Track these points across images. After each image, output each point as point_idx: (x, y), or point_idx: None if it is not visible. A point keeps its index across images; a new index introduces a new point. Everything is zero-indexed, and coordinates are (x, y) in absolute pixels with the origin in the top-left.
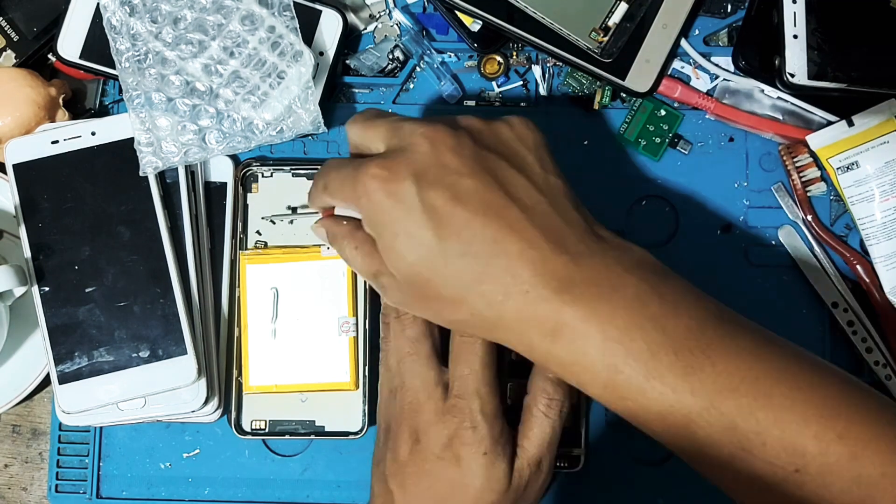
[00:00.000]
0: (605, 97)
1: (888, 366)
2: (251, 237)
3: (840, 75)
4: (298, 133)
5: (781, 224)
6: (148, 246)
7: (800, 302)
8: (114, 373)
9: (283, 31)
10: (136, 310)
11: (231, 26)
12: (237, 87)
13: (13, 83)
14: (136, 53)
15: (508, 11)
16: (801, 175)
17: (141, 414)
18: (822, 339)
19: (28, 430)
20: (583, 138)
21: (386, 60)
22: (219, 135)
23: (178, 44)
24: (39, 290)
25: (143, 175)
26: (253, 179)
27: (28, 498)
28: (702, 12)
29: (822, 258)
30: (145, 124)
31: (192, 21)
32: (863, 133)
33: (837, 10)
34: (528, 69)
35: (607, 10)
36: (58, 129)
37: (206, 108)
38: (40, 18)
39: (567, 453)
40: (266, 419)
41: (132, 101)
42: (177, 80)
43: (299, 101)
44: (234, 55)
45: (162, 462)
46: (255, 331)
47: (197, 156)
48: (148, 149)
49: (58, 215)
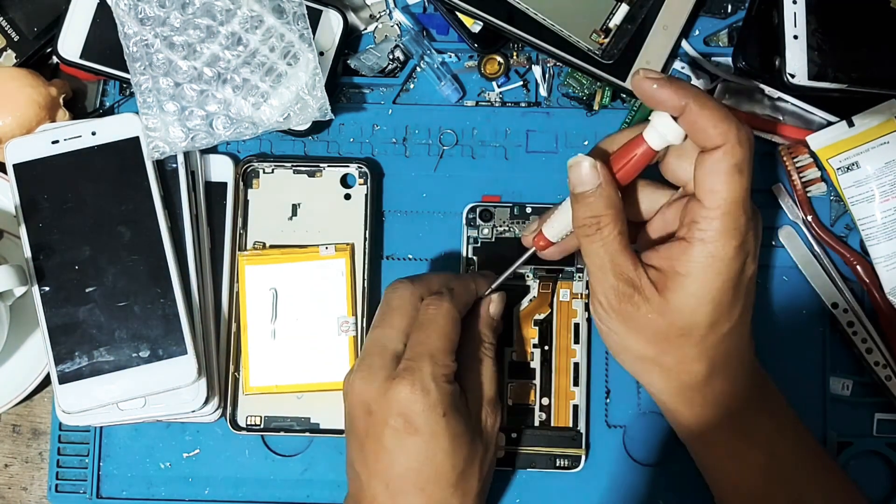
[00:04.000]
0: (606, 98)
1: (888, 366)
2: (251, 234)
3: (840, 76)
4: (306, 120)
5: (781, 224)
6: (148, 246)
7: (800, 302)
8: (114, 373)
9: (291, 18)
10: (137, 310)
11: (240, 12)
12: (246, 72)
13: (14, 83)
14: (144, 38)
15: (509, 12)
16: (801, 175)
17: (141, 414)
18: (822, 339)
19: (28, 430)
20: (583, 138)
21: (386, 60)
22: (226, 120)
23: (186, 28)
24: (40, 289)
25: (151, 160)
26: (254, 175)
27: (28, 498)
28: (702, 13)
29: (823, 258)
30: (153, 109)
31: (200, 6)
32: (863, 133)
33: (837, 11)
34: (528, 69)
35: (608, 11)
36: (58, 128)
37: (213, 94)
38: (41, 18)
39: (567, 453)
40: (262, 415)
41: (140, 86)
42: (184, 66)
43: (307, 88)
44: (242, 41)
45: (162, 462)
46: (254, 331)
47: (204, 141)
48: (155, 134)
49: (58, 215)
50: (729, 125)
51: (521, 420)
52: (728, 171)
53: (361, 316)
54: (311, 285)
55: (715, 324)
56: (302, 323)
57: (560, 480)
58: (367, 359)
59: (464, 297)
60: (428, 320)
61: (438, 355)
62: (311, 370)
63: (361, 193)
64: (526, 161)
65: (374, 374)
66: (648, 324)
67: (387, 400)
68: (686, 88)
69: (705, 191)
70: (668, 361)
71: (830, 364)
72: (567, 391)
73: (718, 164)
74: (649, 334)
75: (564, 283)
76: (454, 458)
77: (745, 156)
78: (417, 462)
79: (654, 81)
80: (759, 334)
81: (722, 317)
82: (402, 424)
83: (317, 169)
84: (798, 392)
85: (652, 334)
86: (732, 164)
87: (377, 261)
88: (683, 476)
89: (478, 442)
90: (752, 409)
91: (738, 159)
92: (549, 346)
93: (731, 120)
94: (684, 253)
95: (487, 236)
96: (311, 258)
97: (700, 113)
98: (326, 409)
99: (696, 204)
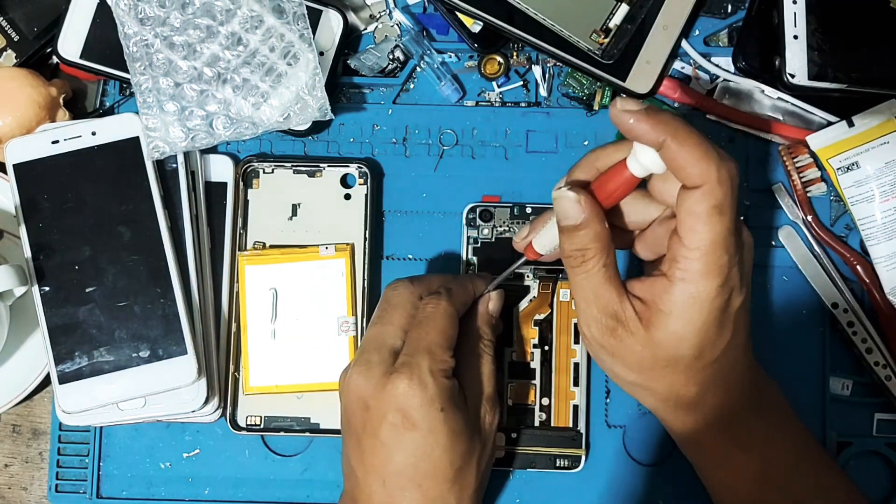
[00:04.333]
0: (606, 98)
1: (888, 366)
2: (251, 234)
3: (840, 76)
4: (306, 120)
5: (781, 224)
6: (148, 246)
7: (800, 302)
8: (114, 373)
9: (291, 18)
10: (137, 310)
11: (240, 12)
12: (246, 73)
13: (14, 83)
14: (144, 38)
15: (509, 12)
16: (801, 175)
17: (141, 414)
18: (822, 339)
19: (28, 430)
20: (583, 138)
21: (386, 60)
22: (226, 120)
23: (186, 28)
24: (40, 289)
25: (151, 160)
26: (254, 175)
27: (28, 498)
28: (702, 13)
29: (823, 258)
30: (153, 109)
31: (200, 6)
32: (863, 133)
33: (837, 11)
34: (528, 69)
35: (608, 11)
36: (58, 128)
37: (213, 94)
38: (40, 18)
39: (567, 453)
40: (262, 415)
41: (140, 86)
42: (184, 65)
43: (307, 88)
44: (242, 41)
45: (162, 462)
46: (254, 332)
47: (204, 141)
48: (155, 134)
49: (58, 215)
50: (709, 164)
51: (520, 420)
52: (708, 213)
53: (361, 316)
54: (311, 285)
55: (700, 355)
56: (302, 323)
57: (560, 480)
58: (364, 355)
59: (462, 297)
60: (426, 318)
61: (436, 351)
62: (311, 370)
63: (361, 193)
64: (526, 161)
65: (372, 369)
66: (634, 355)
67: (385, 395)
68: (665, 123)
69: (685, 229)
70: (657, 387)
71: (830, 364)
72: (567, 391)
73: (698, 204)
74: (635, 364)
75: (564, 284)
76: (452, 454)
77: (726, 196)
78: (415, 457)
79: (630, 115)
80: (760, 334)
81: (707, 349)
82: (401, 420)
83: (317, 169)
84: (798, 392)
85: (637, 364)
86: (712, 206)
87: (377, 261)
88: (683, 476)
89: (476, 439)
90: (746, 420)
91: (718, 200)
92: (549, 346)
93: (712, 158)
94: (666, 291)
95: (487, 236)
96: (311, 258)
97: (678, 151)
98: (326, 409)
99: (677, 241)
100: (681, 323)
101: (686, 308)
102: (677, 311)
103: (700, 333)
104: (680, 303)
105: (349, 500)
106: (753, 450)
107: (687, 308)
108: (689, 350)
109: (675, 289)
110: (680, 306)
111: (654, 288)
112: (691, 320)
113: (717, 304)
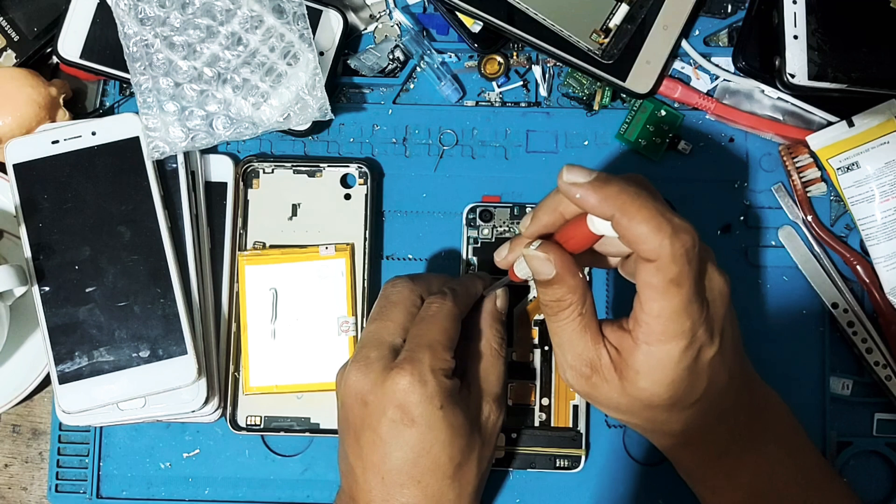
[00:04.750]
0: (606, 98)
1: (888, 366)
2: (251, 234)
3: (840, 76)
4: (306, 120)
5: (781, 224)
6: (148, 246)
7: (800, 302)
8: (114, 373)
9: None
10: (137, 310)
11: (240, 12)
12: (246, 73)
13: (14, 83)
14: (144, 38)
15: (509, 12)
16: (801, 175)
17: (141, 414)
18: (822, 339)
19: (28, 430)
20: (583, 138)
21: (386, 60)
22: (226, 120)
23: (186, 28)
24: (39, 289)
25: (151, 160)
26: (254, 175)
27: (28, 498)
28: (702, 13)
29: (823, 258)
30: (153, 109)
31: (200, 6)
32: (863, 133)
33: (837, 11)
34: (528, 69)
35: (608, 11)
36: (58, 128)
37: (213, 94)
38: (40, 18)
39: (567, 453)
40: (262, 415)
41: (140, 86)
42: (184, 66)
43: (307, 88)
44: (242, 41)
45: (162, 462)
46: (254, 331)
47: (204, 141)
48: (155, 134)
49: (58, 215)
50: (661, 239)
51: (520, 420)
52: (664, 286)
53: (361, 316)
54: (311, 285)
55: (676, 404)
56: (302, 323)
57: (560, 480)
58: (363, 351)
59: (465, 299)
60: (430, 316)
61: (438, 349)
62: (311, 370)
63: (361, 193)
64: (526, 161)
65: (371, 365)
66: (611, 400)
67: (384, 391)
68: (613, 197)
69: (644, 298)
70: (639, 422)
71: (830, 364)
72: (567, 391)
73: (653, 277)
74: (612, 407)
75: None
76: (451, 450)
77: (681, 270)
78: (414, 453)
79: (577, 188)
80: (760, 334)
81: (681, 399)
82: (400, 416)
83: (317, 169)
84: (798, 392)
85: (615, 407)
86: (667, 280)
87: (377, 261)
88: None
89: (476, 436)
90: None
91: (673, 275)
92: (549, 346)
93: (665, 232)
94: (632, 353)
95: (487, 237)
96: (311, 258)
97: (628, 227)
98: (326, 409)
99: (639, 305)
100: (649, 381)
101: (652, 369)
102: (644, 371)
103: (671, 389)
104: (646, 363)
105: (347, 497)
106: (742, 481)
107: (652, 369)
108: (662, 401)
109: (640, 351)
110: (646, 367)
111: (623, 343)
112: (659, 380)
113: (685, 364)
